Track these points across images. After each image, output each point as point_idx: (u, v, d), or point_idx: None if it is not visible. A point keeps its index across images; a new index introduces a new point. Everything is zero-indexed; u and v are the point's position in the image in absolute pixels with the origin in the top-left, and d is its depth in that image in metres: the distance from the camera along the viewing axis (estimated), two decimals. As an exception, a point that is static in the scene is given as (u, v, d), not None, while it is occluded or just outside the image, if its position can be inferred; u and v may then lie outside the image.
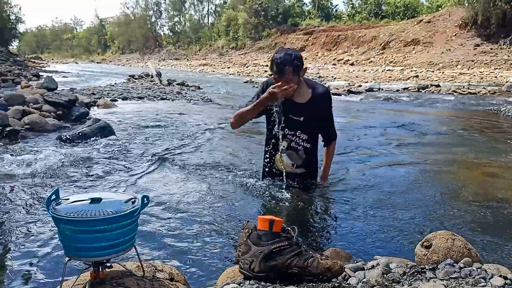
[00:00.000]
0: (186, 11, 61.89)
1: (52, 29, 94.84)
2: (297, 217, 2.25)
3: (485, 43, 23.40)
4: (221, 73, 28.09)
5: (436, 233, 1.49)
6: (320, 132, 2.54)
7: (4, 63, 17.80)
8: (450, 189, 2.87)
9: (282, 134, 2.39)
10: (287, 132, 2.39)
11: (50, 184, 2.80)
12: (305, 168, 2.50)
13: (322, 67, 27.77)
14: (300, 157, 2.45)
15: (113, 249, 1.08)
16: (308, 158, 2.47)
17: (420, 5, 37.83)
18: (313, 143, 2.47)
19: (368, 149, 4.32)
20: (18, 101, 5.52)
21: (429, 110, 8.83)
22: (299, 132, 2.40)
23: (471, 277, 1.32)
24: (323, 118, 2.46)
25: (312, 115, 2.36)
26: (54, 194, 1.12)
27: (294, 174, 2.49)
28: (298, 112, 2.35)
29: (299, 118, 2.36)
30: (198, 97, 9.91)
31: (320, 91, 2.39)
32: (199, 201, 2.51)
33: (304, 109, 2.35)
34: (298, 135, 2.40)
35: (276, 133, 2.39)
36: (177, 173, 3.15)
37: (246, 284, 1.26)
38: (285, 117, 2.35)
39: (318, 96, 2.37)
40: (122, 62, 51.08)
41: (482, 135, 5.35)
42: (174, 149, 4.12)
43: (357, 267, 1.43)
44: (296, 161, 2.46)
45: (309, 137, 2.42)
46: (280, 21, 42.70)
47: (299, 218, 2.25)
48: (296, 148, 2.43)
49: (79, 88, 10.66)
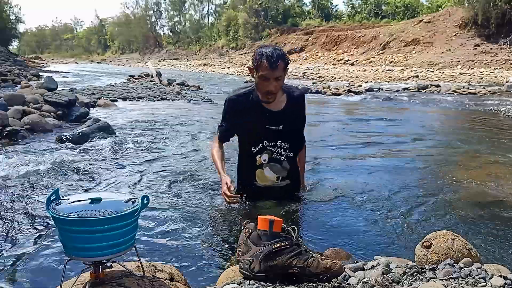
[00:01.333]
0: (186, 11, 61.98)
1: (52, 29, 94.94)
2: (297, 217, 2.25)
3: (485, 43, 23.40)
4: (221, 73, 28.09)
5: (436, 233, 1.49)
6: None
7: (4, 63, 17.79)
8: (450, 189, 2.87)
9: (261, 147, 2.21)
10: (266, 144, 2.20)
11: (50, 184, 2.81)
12: (290, 179, 2.32)
13: (322, 67, 27.76)
14: (284, 168, 2.27)
15: (113, 249, 1.08)
16: (292, 168, 2.31)
17: (420, 5, 37.84)
18: (296, 151, 2.31)
19: (367, 149, 4.32)
20: (18, 101, 5.52)
21: (429, 110, 8.83)
22: (279, 142, 2.21)
23: (471, 277, 1.32)
24: (298, 123, 2.31)
25: (290, 122, 2.20)
26: (54, 194, 1.12)
27: (278, 188, 2.30)
28: (275, 121, 2.17)
29: (277, 127, 2.18)
30: (198, 97, 9.91)
31: (295, 95, 2.24)
32: (199, 201, 2.51)
33: (282, 117, 2.17)
34: (279, 145, 2.22)
35: (252, 149, 2.22)
36: (177, 173, 3.15)
37: (246, 284, 1.26)
38: (262, 129, 2.17)
39: (293, 101, 2.21)
40: (122, 62, 51.10)
41: (482, 135, 5.35)
42: (174, 149, 4.12)
43: (357, 267, 1.43)
44: (281, 173, 2.27)
45: (291, 145, 2.25)
46: (280, 21, 42.72)
47: (299, 218, 2.25)
48: (279, 159, 2.24)
49: (79, 88, 10.67)
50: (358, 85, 14.72)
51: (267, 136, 2.20)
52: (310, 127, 5.22)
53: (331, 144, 4.47)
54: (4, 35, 46.62)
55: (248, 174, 2.30)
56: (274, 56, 1.98)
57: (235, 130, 2.28)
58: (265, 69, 1.99)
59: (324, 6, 44.39)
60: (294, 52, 35.23)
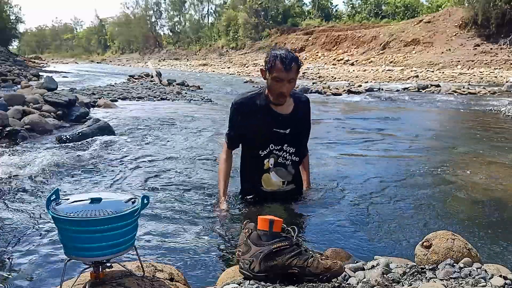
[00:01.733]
0: (186, 11, 62.00)
1: (52, 29, 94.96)
2: (297, 217, 2.25)
3: (485, 43, 23.41)
4: (221, 73, 28.09)
5: (436, 233, 1.49)
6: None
7: (4, 63, 17.79)
8: (450, 189, 2.87)
9: (268, 151, 2.22)
10: (273, 147, 2.21)
11: (50, 184, 2.81)
12: (295, 183, 2.34)
13: (322, 67, 27.76)
14: (290, 172, 2.29)
15: (113, 249, 1.08)
16: (296, 172, 2.33)
17: (420, 5, 37.86)
18: (301, 156, 2.34)
19: (367, 149, 4.32)
20: (18, 101, 5.52)
21: (429, 110, 8.83)
22: (286, 146, 2.23)
23: (471, 277, 1.32)
24: (304, 128, 2.32)
25: (296, 126, 2.23)
26: (54, 194, 1.12)
27: (283, 192, 2.31)
28: (283, 124, 2.19)
29: (284, 131, 2.20)
30: (198, 97, 9.91)
31: (302, 100, 2.28)
32: (199, 201, 2.51)
33: (289, 121, 2.20)
34: (285, 148, 2.23)
35: (260, 152, 2.22)
36: (178, 173, 3.15)
37: (246, 284, 1.26)
38: (269, 132, 2.19)
39: (300, 105, 2.25)
40: (122, 62, 51.11)
41: (482, 135, 5.35)
42: (174, 149, 4.12)
43: (357, 267, 1.43)
44: (286, 178, 2.29)
45: (296, 149, 2.26)
46: (280, 21, 42.72)
47: (299, 218, 2.25)
48: (284, 163, 2.25)
49: (79, 88, 10.67)
50: (358, 85, 14.73)
51: (274, 140, 2.21)
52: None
53: (330, 144, 4.47)
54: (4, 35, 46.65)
55: (253, 178, 2.29)
56: (288, 58, 2.01)
57: (243, 135, 2.27)
58: (278, 71, 2.02)
59: (324, 6, 44.40)
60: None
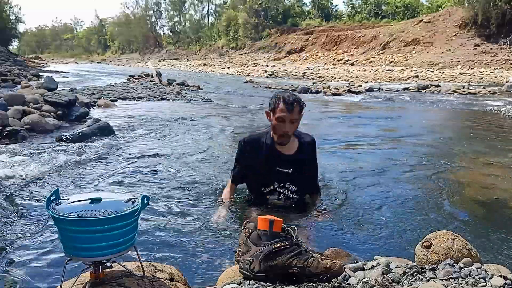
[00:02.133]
0: (186, 11, 61.96)
1: (52, 29, 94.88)
2: (297, 217, 2.25)
3: (485, 43, 23.42)
4: (221, 73, 28.09)
5: (436, 233, 1.49)
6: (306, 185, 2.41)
7: (4, 63, 17.79)
8: (450, 189, 2.87)
9: (271, 189, 2.29)
10: (276, 185, 2.29)
11: (49, 184, 2.81)
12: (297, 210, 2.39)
13: (322, 67, 27.77)
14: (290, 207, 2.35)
15: (113, 249, 1.08)
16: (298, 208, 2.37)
17: (420, 5, 37.87)
18: (303, 195, 2.39)
19: (366, 149, 4.32)
20: (18, 101, 5.52)
21: (429, 110, 8.83)
22: (288, 184, 2.29)
23: (471, 277, 1.32)
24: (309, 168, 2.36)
25: (300, 166, 2.28)
26: (54, 194, 1.12)
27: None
28: (286, 164, 2.25)
29: (287, 170, 2.26)
30: (198, 97, 9.91)
31: (306, 140, 2.32)
32: (199, 201, 2.51)
33: (292, 161, 2.26)
34: (287, 186, 2.30)
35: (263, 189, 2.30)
36: (178, 173, 3.15)
37: (246, 284, 1.26)
38: (272, 170, 2.26)
39: (305, 146, 2.30)
40: (122, 62, 51.09)
41: (482, 135, 5.35)
42: (174, 149, 4.12)
43: (357, 267, 1.43)
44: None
45: (299, 188, 2.32)
46: (280, 21, 42.72)
47: (299, 218, 2.25)
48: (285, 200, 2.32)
49: (79, 88, 10.66)
50: (358, 85, 14.73)
51: (277, 178, 2.28)
52: (310, 127, 5.23)
53: (330, 144, 4.47)
54: (4, 35, 46.63)
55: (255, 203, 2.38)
56: (290, 99, 2.10)
57: (247, 171, 2.35)
58: (281, 111, 2.11)
59: (324, 6, 44.40)
60: (294, 52, 35.27)
